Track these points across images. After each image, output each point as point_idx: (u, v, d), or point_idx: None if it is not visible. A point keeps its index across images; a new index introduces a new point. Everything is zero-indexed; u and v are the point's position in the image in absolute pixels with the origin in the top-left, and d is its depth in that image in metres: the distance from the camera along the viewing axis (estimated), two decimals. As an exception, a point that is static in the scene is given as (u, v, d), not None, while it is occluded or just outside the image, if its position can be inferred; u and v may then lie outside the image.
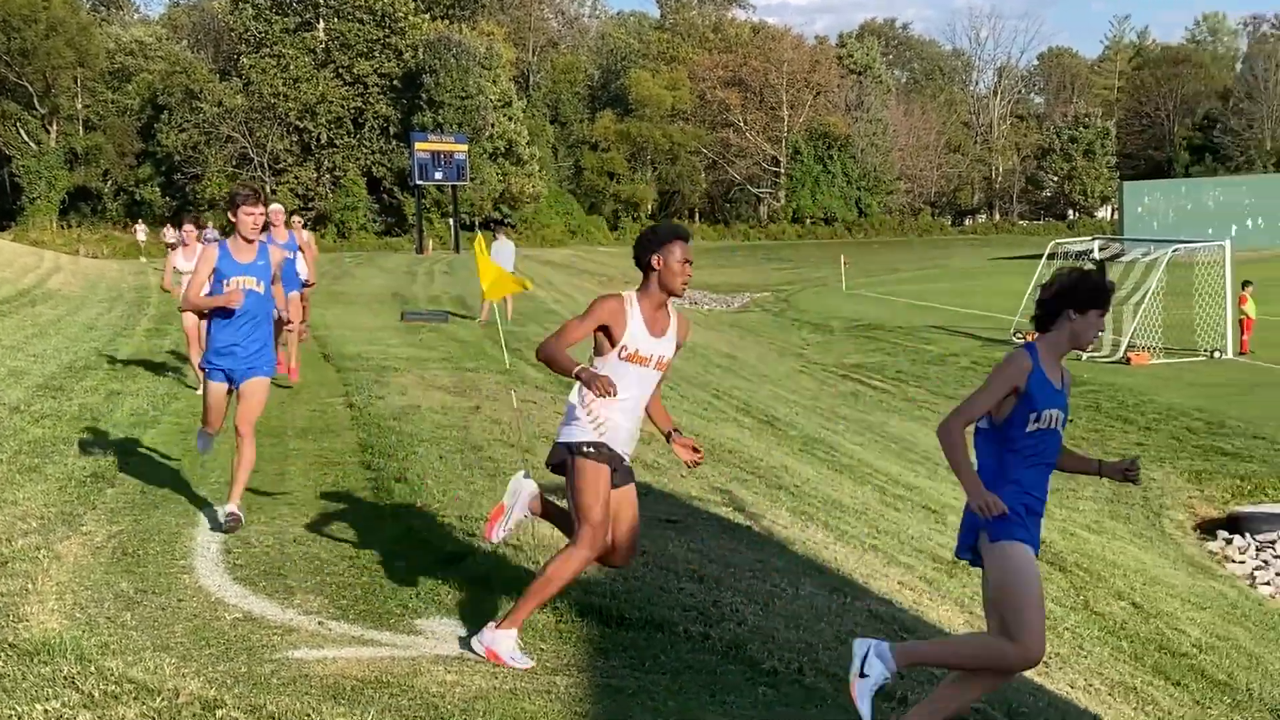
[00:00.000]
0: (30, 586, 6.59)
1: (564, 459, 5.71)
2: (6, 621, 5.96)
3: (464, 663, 5.70)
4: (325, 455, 10.58)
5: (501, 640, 5.71)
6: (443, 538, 7.78)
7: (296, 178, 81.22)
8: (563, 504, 6.08)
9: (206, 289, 8.24)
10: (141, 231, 66.10)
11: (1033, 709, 6.67)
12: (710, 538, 8.70)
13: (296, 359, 14.65)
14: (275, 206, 14.05)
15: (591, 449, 5.63)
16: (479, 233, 6.88)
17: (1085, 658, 8.71)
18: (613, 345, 5.68)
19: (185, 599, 6.56)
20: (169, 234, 57.26)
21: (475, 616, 6.34)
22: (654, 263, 5.75)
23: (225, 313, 8.11)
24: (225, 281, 8.12)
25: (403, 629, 6.18)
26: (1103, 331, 30.24)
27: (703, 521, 9.38)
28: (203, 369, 8.46)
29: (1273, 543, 15.53)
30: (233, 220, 8.20)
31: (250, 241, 8.25)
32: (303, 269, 15.03)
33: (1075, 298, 5.18)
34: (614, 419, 5.70)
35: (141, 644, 5.77)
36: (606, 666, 5.77)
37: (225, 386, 8.28)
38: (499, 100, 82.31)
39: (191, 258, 14.19)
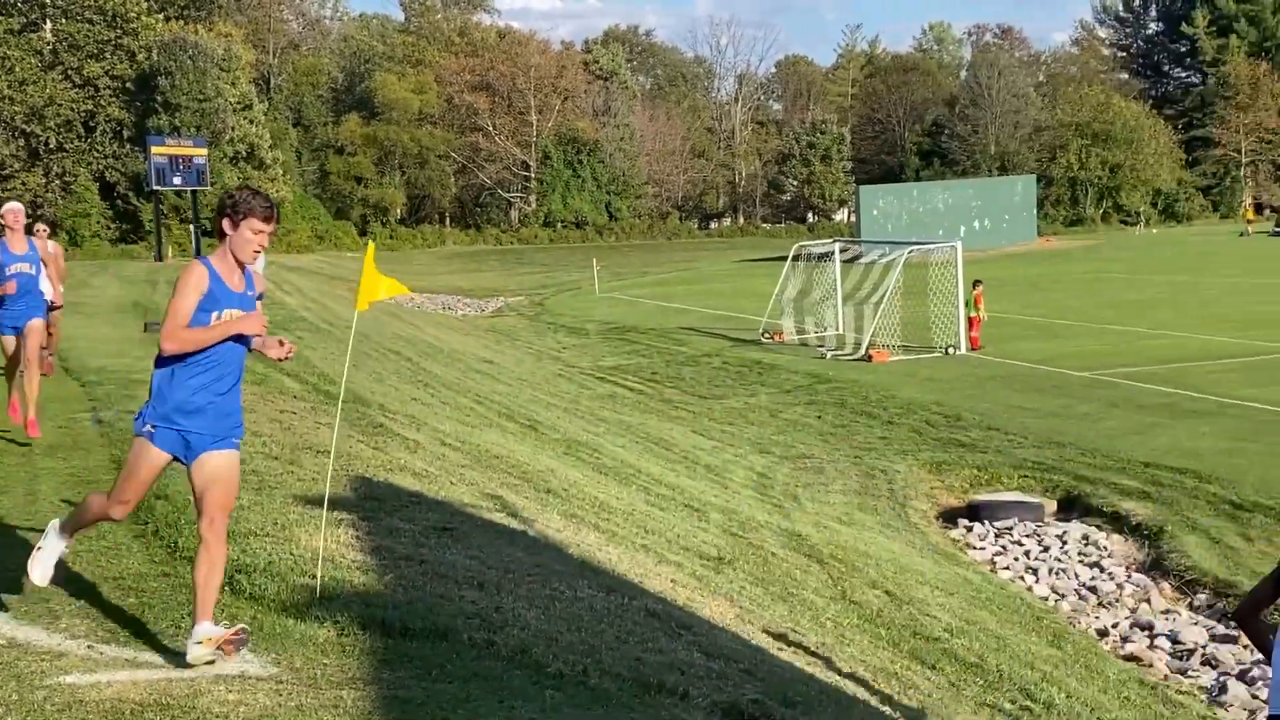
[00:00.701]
0: None
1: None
2: None
3: (245, 680, 5.60)
4: (77, 473, 10.20)
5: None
6: (212, 554, 7.60)
7: (24, 184, 77.41)
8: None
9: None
10: None
11: (806, 697, 6.92)
12: (487, 544, 8.73)
13: (36, 405, 11.52)
14: (12, 205, 12.64)
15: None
16: (369, 240, 6.66)
17: (849, 646, 9.07)
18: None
19: (-59, 629, 6.27)
20: None
21: (252, 634, 6.23)
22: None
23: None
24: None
25: (176, 649, 6.03)
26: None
27: (478, 528, 9.40)
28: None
29: (1010, 529, 16.36)
30: None
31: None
32: (47, 288, 12.75)
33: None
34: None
35: (-102, 678, 5.50)
36: (393, 678, 5.76)
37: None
38: (239, 103, 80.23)
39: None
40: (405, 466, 11.70)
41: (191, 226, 66.55)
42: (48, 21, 79.71)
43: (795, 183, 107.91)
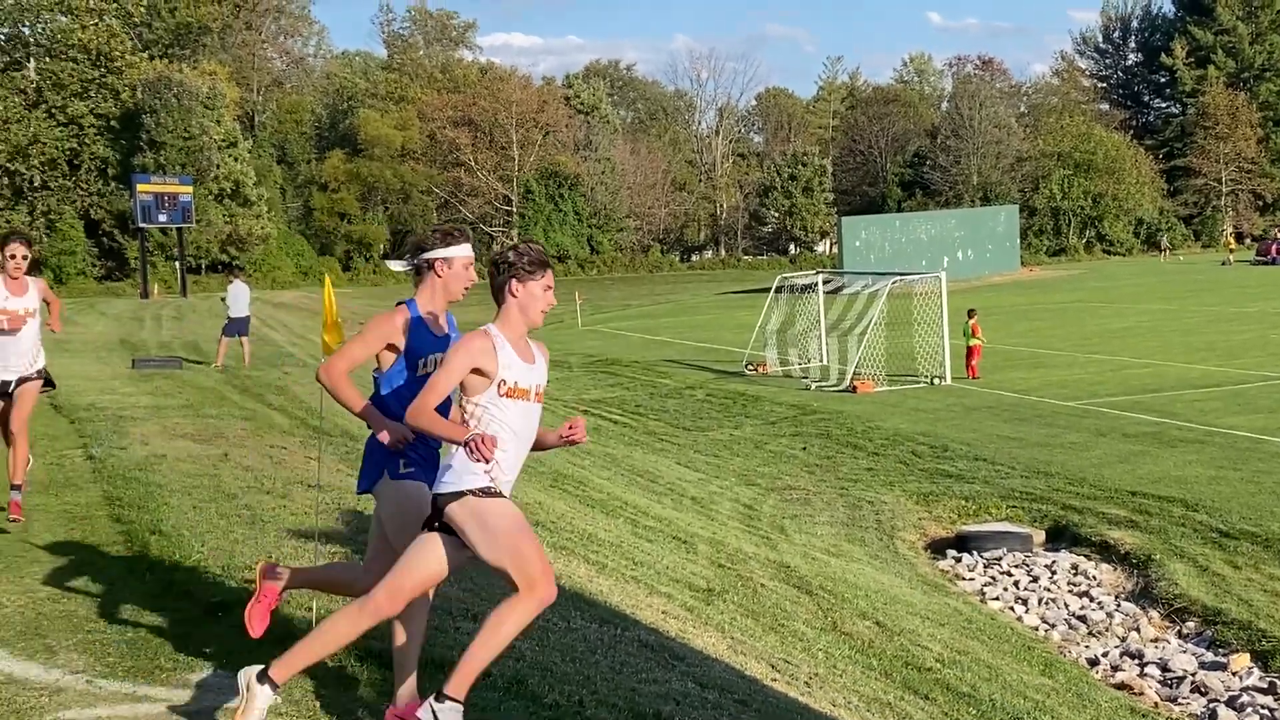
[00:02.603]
0: None
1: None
2: None
3: (245, 713, 5.63)
4: (70, 510, 10.21)
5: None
6: (207, 588, 7.64)
7: (8, 222, 77.25)
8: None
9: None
10: None
11: (800, 726, 6.97)
12: (479, 576, 8.76)
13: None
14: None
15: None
16: (327, 277, 6.64)
17: (840, 676, 9.11)
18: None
19: (-62, 665, 6.29)
20: None
21: (251, 666, 6.27)
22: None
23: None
24: None
25: (176, 683, 6.06)
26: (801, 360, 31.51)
27: (470, 560, 9.43)
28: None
29: (999, 559, 16.43)
30: None
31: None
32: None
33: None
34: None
35: (-102, 714, 5.52)
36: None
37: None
38: (223, 140, 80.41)
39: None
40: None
41: (177, 263, 66.63)
42: (31, 60, 79.86)
43: (777, 215, 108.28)
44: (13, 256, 9.42)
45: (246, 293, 25.30)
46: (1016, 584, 15.46)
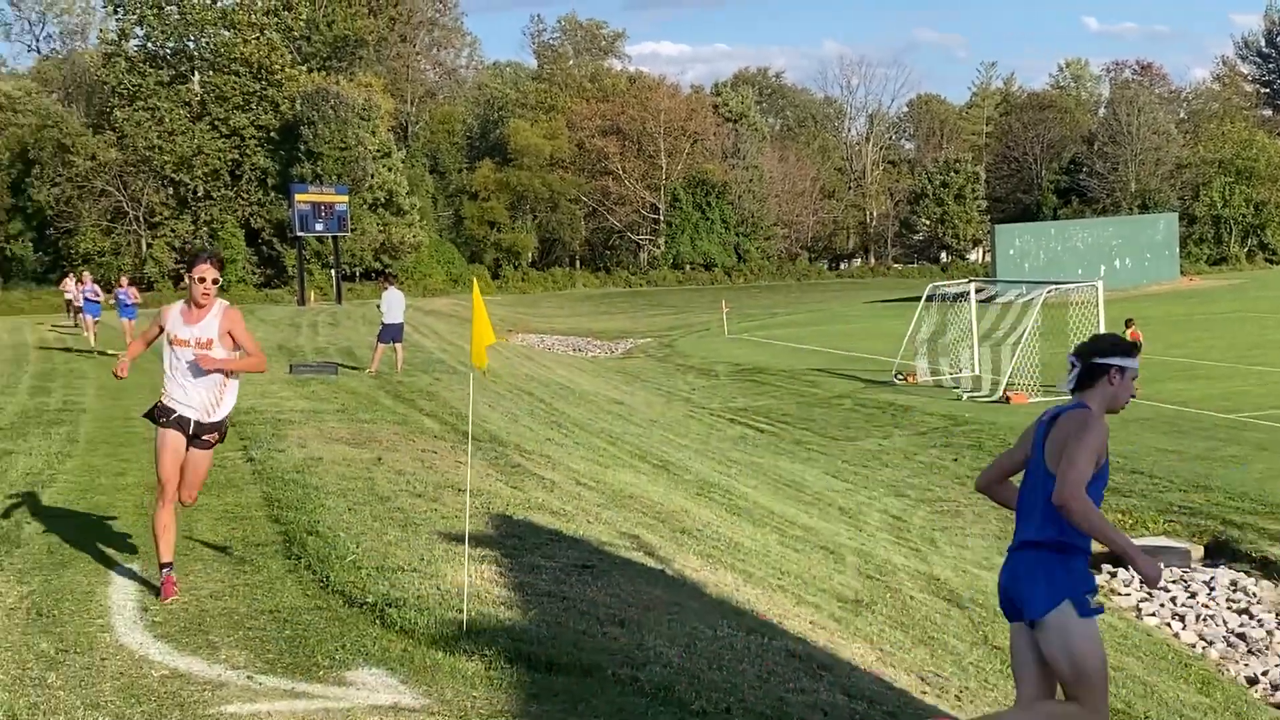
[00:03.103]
0: (-53, 650, 6.51)
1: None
2: (-71, 686, 5.90)
3: (399, 711, 5.75)
4: (231, 510, 10.52)
5: None
6: (361, 589, 7.79)
7: (173, 231, 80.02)
8: None
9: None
10: (70, 290, 60.20)
11: (950, 740, 6.86)
12: (626, 582, 8.82)
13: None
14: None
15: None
16: (475, 283, 6.70)
17: (992, 690, 8.97)
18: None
19: (108, 657, 6.52)
20: (69, 288, 55.55)
21: (403, 666, 6.39)
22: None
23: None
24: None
25: (332, 680, 6.20)
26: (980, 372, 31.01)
27: (616, 566, 9.50)
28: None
29: (1155, 574, 16.01)
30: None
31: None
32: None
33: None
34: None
35: (71, 704, 5.74)
36: (540, 712, 5.86)
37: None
38: (378, 151, 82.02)
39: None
40: (543, 505, 11.86)
41: (333, 271, 68.16)
42: (196, 74, 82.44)
43: (928, 222, 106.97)
44: (201, 279, 7.81)
45: (402, 300, 25.73)
46: (1173, 600, 15.06)
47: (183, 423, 7.88)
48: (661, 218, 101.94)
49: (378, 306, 26.21)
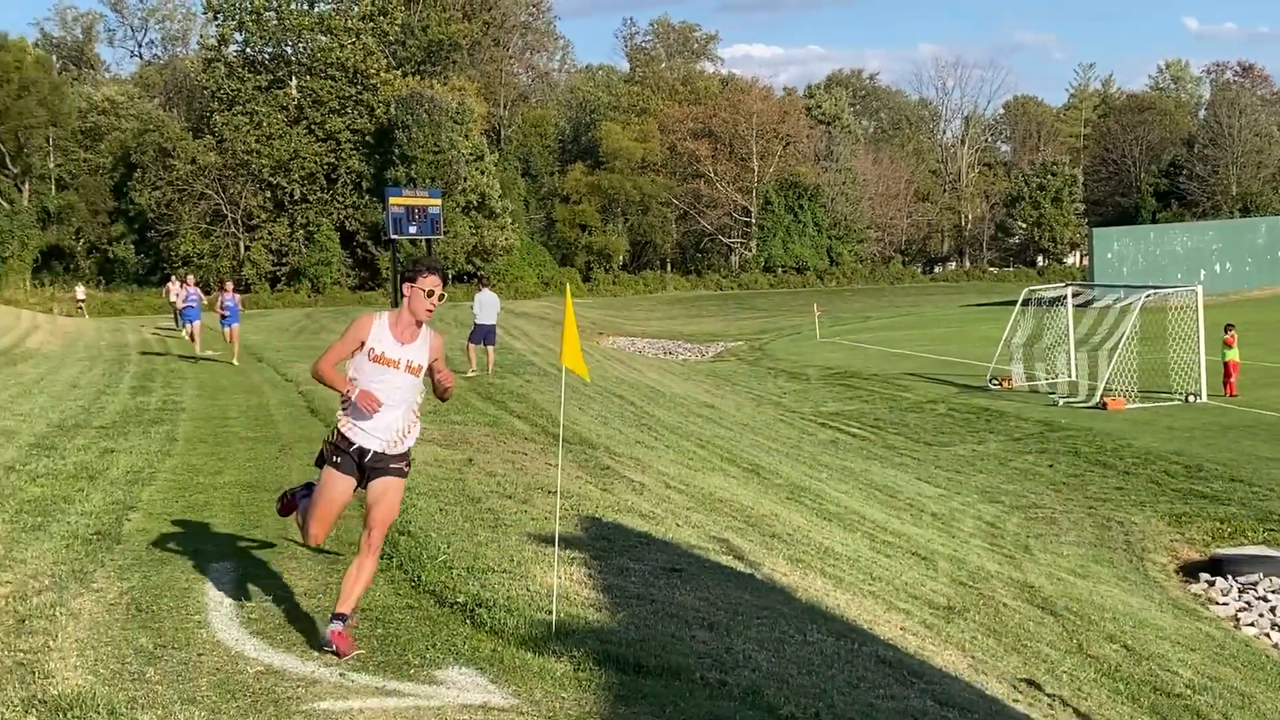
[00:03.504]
0: (50, 643, 6.66)
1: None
2: (33, 678, 6.04)
3: (488, 711, 5.78)
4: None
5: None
6: (452, 589, 7.85)
7: (270, 233, 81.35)
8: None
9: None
10: (174, 293, 59.03)
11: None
12: (714, 585, 8.81)
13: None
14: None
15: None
16: (568, 287, 6.67)
17: (1085, 699, 8.84)
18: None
19: (205, 653, 6.63)
20: (174, 290, 56.51)
21: (492, 666, 6.44)
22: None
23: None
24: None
25: (423, 679, 6.26)
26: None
27: (705, 570, 9.49)
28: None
29: (1255, 584, 15.70)
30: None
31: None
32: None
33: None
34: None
35: (168, 698, 5.84)
36: (628, 714, 5.86)
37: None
38: (471, 154, 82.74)
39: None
40: (632, 508, 11.88)
41: (425, 274, 68.80)
42: (293, 79, 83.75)
43: (1024, 225, 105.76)
44: (430, 293, 6.73)
45: (495, 302, 25.85)
46: (1273, 610, 14.76)
47: (361, 455, 6.80)
48: (753, 220, 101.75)
49: (471, 308, 26.38)
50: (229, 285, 28.84)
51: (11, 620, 7.13)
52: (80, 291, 66.61)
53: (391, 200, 62.19)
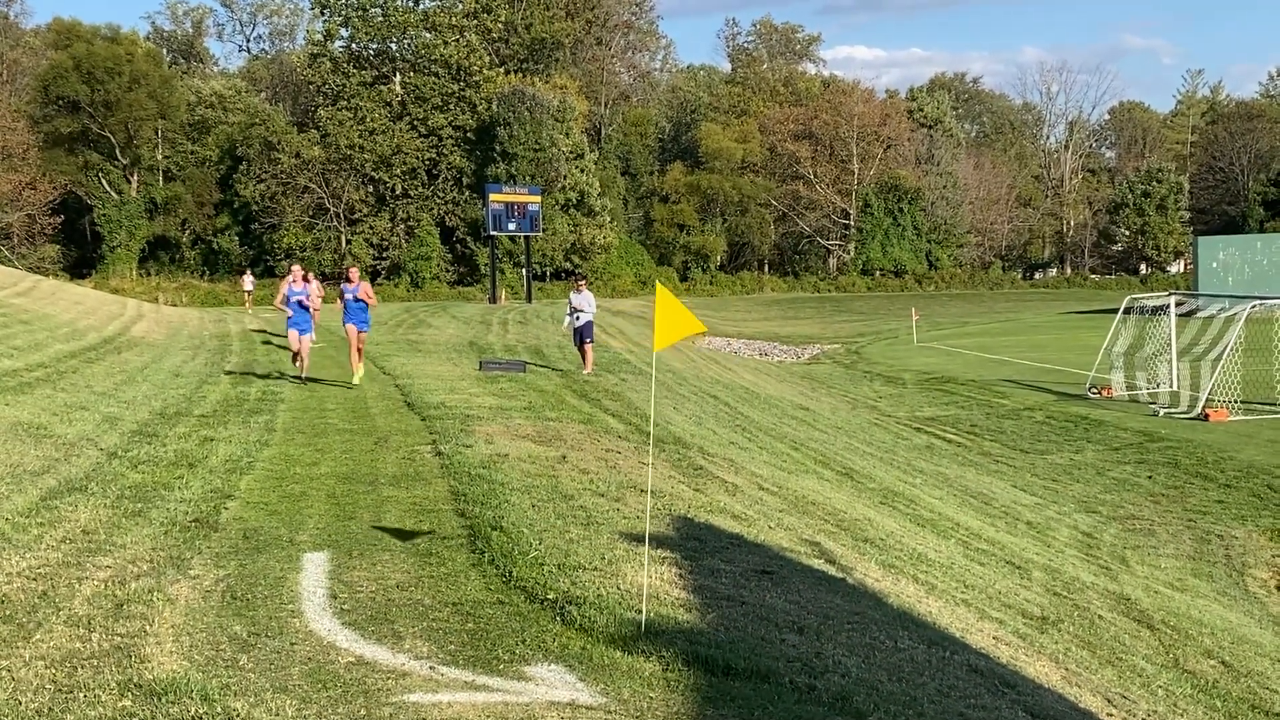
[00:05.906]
0: (147, 628, 6.78)
1: None
2: (130, 662, 6.15)
3: (576, 709, 5.79)
4: (419, 503, 10.74)
5: None
6: (544, 585, 7.88)
7: (371, 228, 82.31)
8: None
9: None
10: (249, 281, 59.43)
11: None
12: (805, 589, 8.75)
13: None
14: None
15: None
16: (659, 285, 6.69)
17: (1181, 715, 8.67)
18: None
19: (298, 642, 6.71)
20: (248, 281, 57.44)
21: (581, 663, 6.45)
22: None
23: None
24: None
25: (512, 675, 6.28)
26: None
27: (796, 573, 9.43)
28: None
29: (1362, 603, 15.31)
30: None
31: None
32: None
33: None
34: None
35: (261, 686, 5.92)
36: (716, 716, 5.84)
37: None
38: (571, 152, 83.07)
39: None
40: (724, 509, 11.85)
41: (524, 270, 69.26)
42: (397, 75, 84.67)
43: (1127, 233, 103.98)
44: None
45: (592, 300, 25.90)
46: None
47: None
48: (852, 223, 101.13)
49: (570, 306, 26.45)
50: (353, 272, 22.76)
51: (110, 604, 7.27)
52: (248, 281, 57.76)
53: (492, 196, 62.59)
